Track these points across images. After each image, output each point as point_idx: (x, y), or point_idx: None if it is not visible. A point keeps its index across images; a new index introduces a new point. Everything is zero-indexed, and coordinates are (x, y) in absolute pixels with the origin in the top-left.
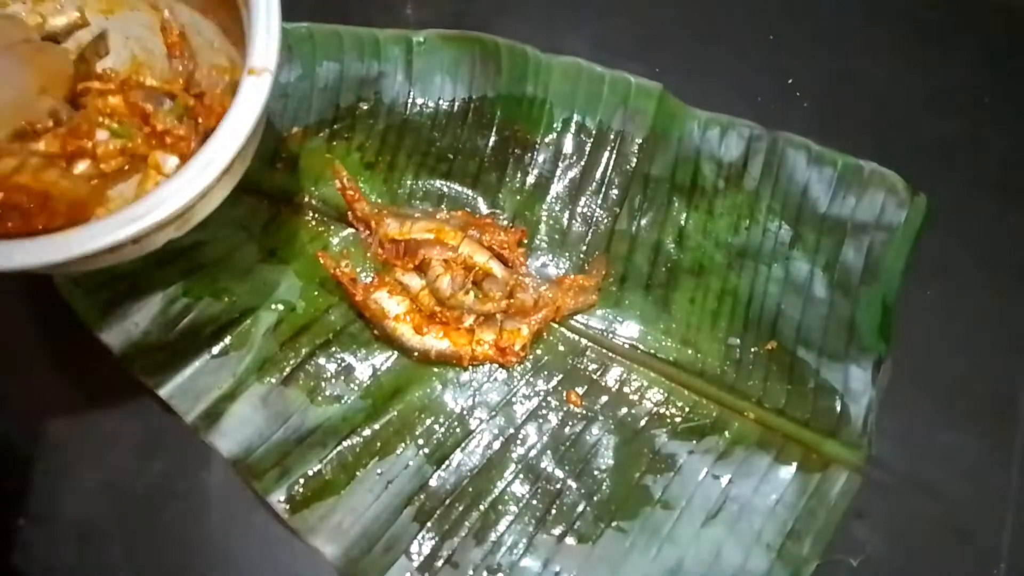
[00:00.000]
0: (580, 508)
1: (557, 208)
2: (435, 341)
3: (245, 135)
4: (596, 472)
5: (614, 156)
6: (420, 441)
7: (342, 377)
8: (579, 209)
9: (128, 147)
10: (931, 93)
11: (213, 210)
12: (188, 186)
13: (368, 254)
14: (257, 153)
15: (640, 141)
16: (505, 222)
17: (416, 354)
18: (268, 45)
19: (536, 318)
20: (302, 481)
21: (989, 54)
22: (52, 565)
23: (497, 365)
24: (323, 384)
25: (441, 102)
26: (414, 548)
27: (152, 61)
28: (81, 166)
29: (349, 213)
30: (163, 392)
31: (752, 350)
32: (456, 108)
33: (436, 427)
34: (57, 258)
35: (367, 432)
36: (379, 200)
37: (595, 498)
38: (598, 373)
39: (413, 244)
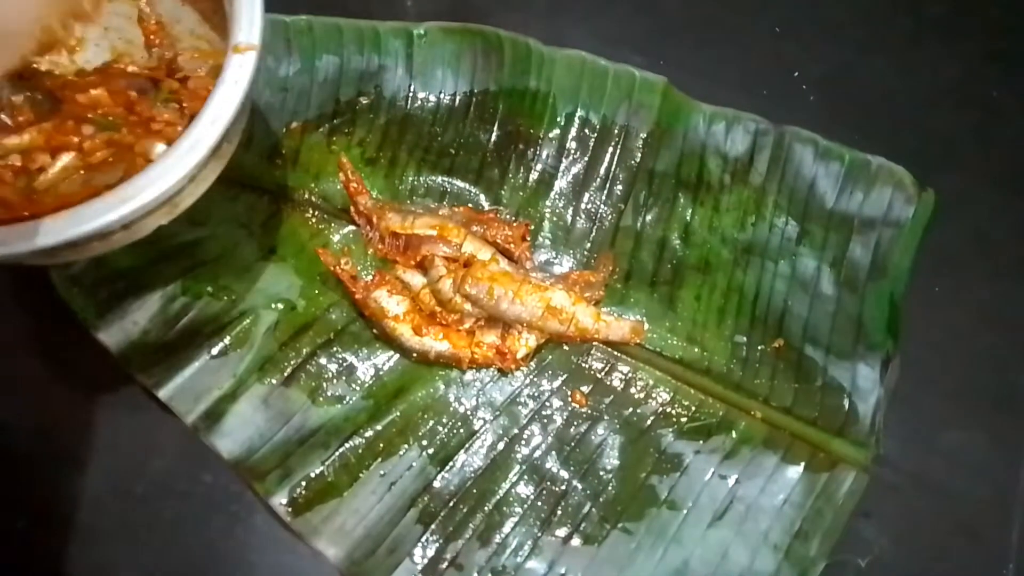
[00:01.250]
0: (585, 509)
1: (561, 204)
2: (434, 342)
3: (232, 114)
4: (602, 472)
5: (618, 151)
6: (423, 442)
7: (344, 377)
8: (583, 205)
9: (115, 138)
10: (938, 87)
11: (201, 195)
12: (176, 167)
13: (369, 251)
14: (256, 148)
15: (644, 136)
16: (508, 218)
17: (415, 355)
18: (252, 21)
19: (554, 331)
20: (304, 483)
21: (997, 48)
22: (53, 566)
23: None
24: (325, 384)
25: (443, 96)
26: (418, 550)
27: (133, 51)
28: (65, 158)
29: (351, 207)
30: (162, 393)
31: (759, 348)
32: (458, 102)
33: (439, 427)
34: (45, 243)
35: (369, 433)
36: (380, 197)
37: (601, 499)
38: (603, 372)
39: (415, 240)
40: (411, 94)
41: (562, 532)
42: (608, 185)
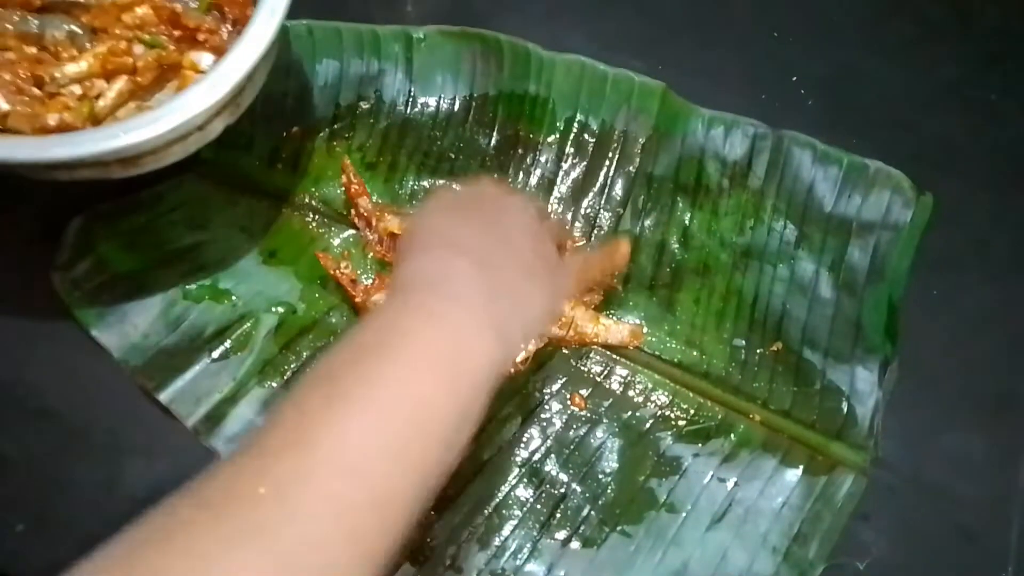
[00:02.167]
0: (585, 512)
1: (560, 209)
2: None
3: (269, 38)
4: (600, 475)
5: (617, 155)
6: None
7: None
8: (582, 210)
9: (162, 56)
10: (937, 90)
11: (254, 98)
12: (245, 57)
13: (369, 254)
14: (257, 153)
15: (643, 140)
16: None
17: None
18: None
19: (553, 335)
20: None
21: (995, 51)
22: (52, 570)
23: None
24: None
25: (442, 100)
26: (417, 552)
27: None
28: (119, 83)
29: (352, 209)
30: (163, 396)
31: (757, 351)
32: (457, 106)
33: None
34: (132, 140)
35: None
36: (380, 201)
37: (600, 501)
38: (602, 375)
39: None
40: (411, 98)
41: (561, 535)
42: (607, 189)
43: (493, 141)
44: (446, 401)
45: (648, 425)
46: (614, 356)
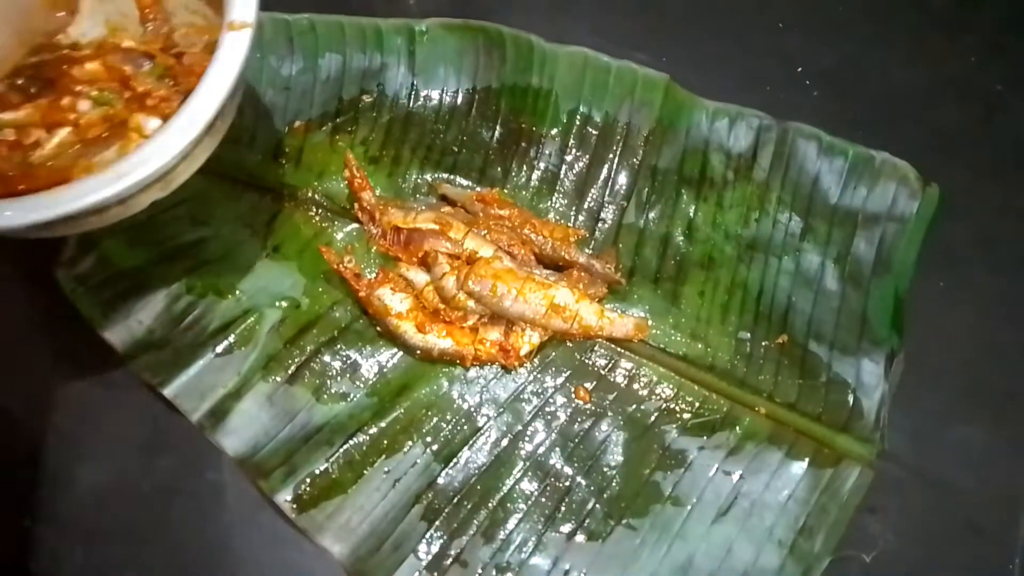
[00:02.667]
0: (590, 505)
1: (564, 202)
2: (437, 340)
3: (226, 91)
4: (605, 469)
5: (621, 148)
6: (428, 439)
7: (348, 374)
8: (586, 203)
9: (110, 113)
10: (942, 81)
11: (195, 171)
12: (171, 144)
13: (372, 248)
14: (259, 148)
15: (647, 133)
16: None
17: (418, 352)
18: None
19: (558, 329)
20: (309, 480)
21: (1000, 42)
22: (59, 565)
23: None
24: (329, 382)
25: (445, 93)
26: (422, 547)
27: (127, 24)
28: (61, 133)
29: (355, 203)
30: (168, 391)
31: (763, 344)
32: (460, 100)
33: (443, 424)
34: (41, 217)
35: (374, 430)
36: (383, 195)
37: (605, 495)
38: (607, 368)
39: (417, 236)
40: (413, 92)
41: (566, 528)
42: (611, 182)
43: (496, 134)
44: None
45: (653, 418)
46: (619, 349)
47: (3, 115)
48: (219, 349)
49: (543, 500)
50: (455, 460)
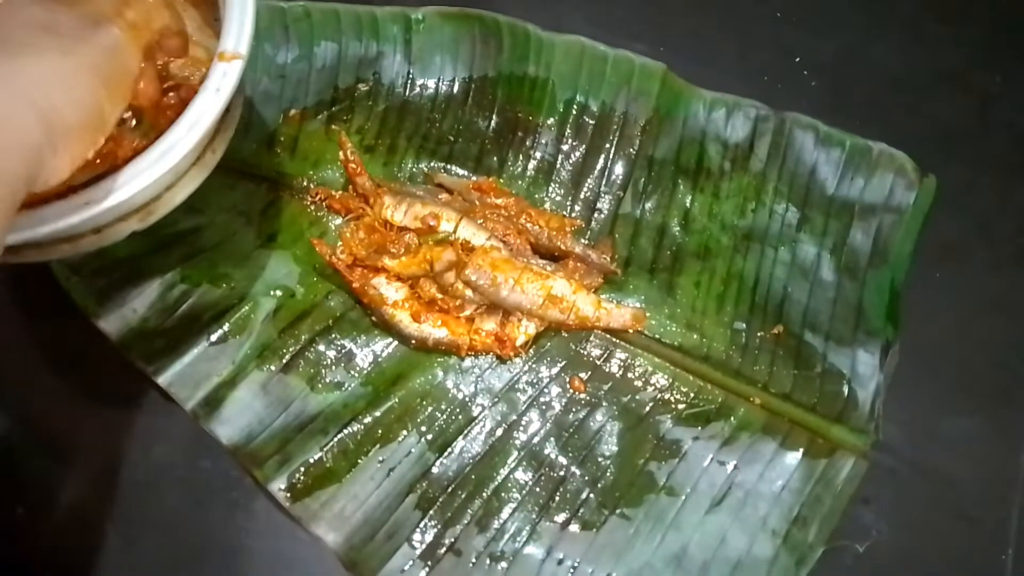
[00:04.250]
0: (584, 495)
1: (560, 192)
2: (433, 329)
3: (210, 122)
4: (600, 458)
5: (617, 138)
6: (422, 428)
7: (342, 364)
8: (582, 193)
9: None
10: (940, 72)
11: (181, 202)
12: (146, 172)
13: (360, 234)
14: (254, 136)
15: (644, 122)
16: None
17: (414, 342)
18: (241, 30)
19: (554, 319)
20: (303, 469)
21: (999, 32)
22: (53, 554)
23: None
24: (323, 371)
25: (441, 82)
26: (416, 536)
27: None
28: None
29: (351, 187)
30: (162, 380)
31: (758, 334)
32: (456, 89)
33: (438, 414)
34: (5, 240)
35: (368, 419)
36: (380, 180)
37: (599, 485)
38: (602, 359)
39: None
40: (409, 80)
41: (560, 518)
42: (607, 172)
43: (492, 123)
44: None
45: (648, 408)
46: (614, 339)
47: None
48: (213, 338)
49: (537, 490)
50: (449, 449)
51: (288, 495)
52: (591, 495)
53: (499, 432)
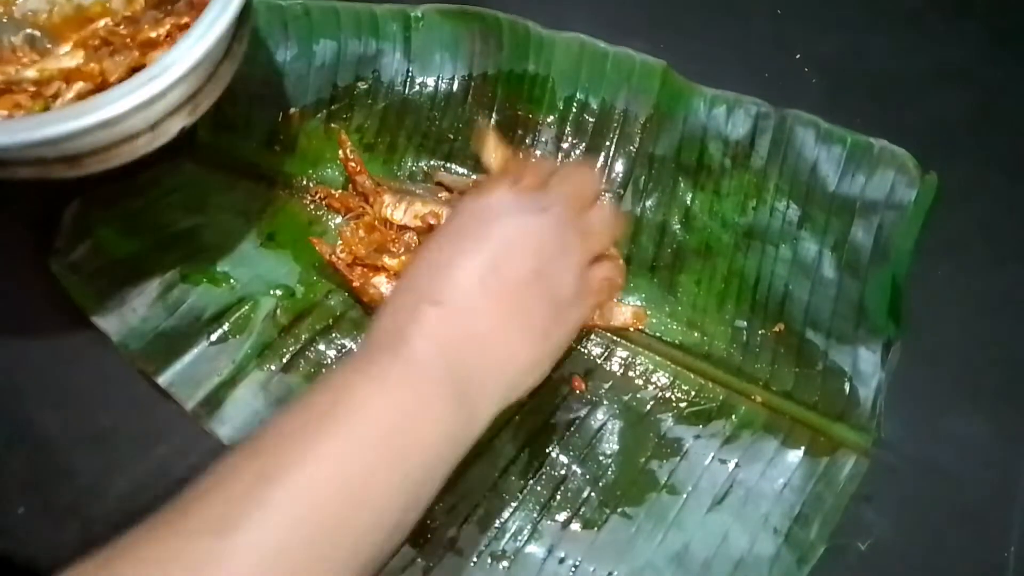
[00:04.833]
0: (585, 494)
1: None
2: None
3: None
4: (601, 457)
5: (617, 135)
6: None
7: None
8: None
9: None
10: (942, 68)
11: (219, 96)
12: (190, 52)
13: (361, 232)
14: (253, 135)
15: (644, 120)
16: None
17: None
18: None
19: None
20: None
21: (1001, 28)
22: (53, 554)
23: None
24: (324, 370)
25: (441, 80)
26: (417, 534)
27: None
28: (78, 84)
29: (351, 186)
30: (162, 380)
31: (759, 332)
32: (456, 87)
33: None
34: (60, 131)
35: None
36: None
37: (600, 483)
38: (602, 357)
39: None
40: (409, 78)
41: (561, 517)
42: (607, 170)
43: (493, 121)
44: (389, 481)
45: (649, 407)
46: (614, 338)
47: (27, 73)
48: (213, 338)
49: (538, 488)
50: None
51: None
52: (592, 494)
53: (499, 431)
